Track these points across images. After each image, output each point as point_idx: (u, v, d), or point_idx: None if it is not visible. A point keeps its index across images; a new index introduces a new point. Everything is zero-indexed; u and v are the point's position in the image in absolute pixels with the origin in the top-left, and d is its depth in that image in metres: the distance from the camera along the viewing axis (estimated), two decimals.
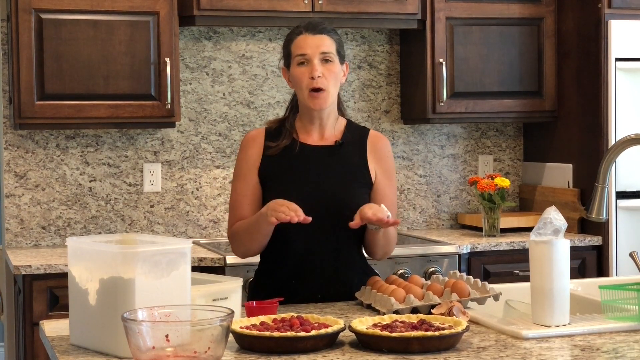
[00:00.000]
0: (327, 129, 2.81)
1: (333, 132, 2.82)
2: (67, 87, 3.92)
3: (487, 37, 4.45)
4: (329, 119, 2.81)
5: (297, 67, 2.75)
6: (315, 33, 2.74)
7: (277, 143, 2.79)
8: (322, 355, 2.03)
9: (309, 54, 2.72)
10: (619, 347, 2.09)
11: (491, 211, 4.33)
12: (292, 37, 2.78)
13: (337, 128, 2.83)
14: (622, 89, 4.27)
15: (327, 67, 2.73)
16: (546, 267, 2.25)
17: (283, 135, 2.80)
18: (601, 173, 2.58)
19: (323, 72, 2.71)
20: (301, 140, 2.80)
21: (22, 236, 4.20)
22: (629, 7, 4.29)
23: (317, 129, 2.81)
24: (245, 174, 2.80)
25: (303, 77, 2.73)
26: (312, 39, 2.73)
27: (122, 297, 2.03)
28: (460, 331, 2.07)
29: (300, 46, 2.74)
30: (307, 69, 2.73)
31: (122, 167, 4.32)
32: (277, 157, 2.78)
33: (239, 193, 2.80)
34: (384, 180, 2.81)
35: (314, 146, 2.80)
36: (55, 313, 3.65)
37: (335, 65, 2.74)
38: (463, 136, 4.80)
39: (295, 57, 2.75)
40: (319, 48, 2.72)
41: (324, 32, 2.75)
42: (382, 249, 2.80)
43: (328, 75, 2.72)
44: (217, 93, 4.45)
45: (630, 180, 4.30)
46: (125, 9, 3.99)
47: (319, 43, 2.73)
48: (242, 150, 2.84)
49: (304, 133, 2.82)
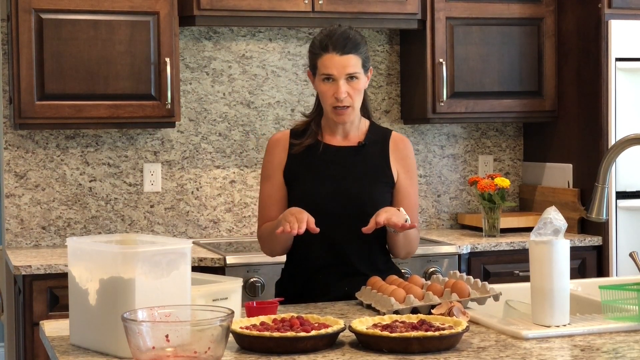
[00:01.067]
0: (351, 130, 2.86)
1: (357, 133, 2.87)
2: (67, 87, 3.92)
3: (487, 37, 4.45)
4: (352, 122, 2.85)
5: (323, 82, 2.76)
6: (342, 54, 2.72)
7: (300, 141, 2.84)
8: (322, 356, 2.03)
9: (335, 75, 2.73)
10: (619, 347, 2.09)
11: (491, 211, 4.34)
12: (319, 52, 2.76)
13: (360, 129, 2.88)
14: (622, 89, 4.27)
15: (352, 84, 2.75)
16: (546, 267, 2.25)
17: (308, 134, 2.85)
18: (601, 173, 2.58)
19: (348, 90, 2.74)
20: (325, 140, 2.85)
21: (22, 236, 4.20)
22: (629, 7, 4.29)
23: (341, 130, 2.86)
24: (271, 175, 2.86)
25: (328, 94, 2.76)
26: (339, 59, 2.73)
27: (122, 297, 2.03)
28: (460, 331, 2.07)
29: (327, 66, 2.74)
30: (332, 86, 2.75)
31: (122, 167, 4.32)
32: (301, 157, 2.83)
33: (265, 194, 2.87)
34: (406, 180, 2.86)
35: (337, 147, 2.85)
36: (55, 313, 3.65)
37: (360, 82, 2.76)
38: (463, 136, 4.80)
39: (321, 74, 2.76)
40: (346, 69, 2.72)
41: (351, 51, 2.73)
42: (403, 249, 2.84)
43: (353, 93, 2.75)
44: (217, 93, 4.45)
45: (630, 180, 4.30)
46: (125, 9, 3.99)
47: (345, 64, 2.72)
48: (268, 153, 2.89)
49: (328, 134, 2.86)
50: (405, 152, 2.89)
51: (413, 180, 2.88)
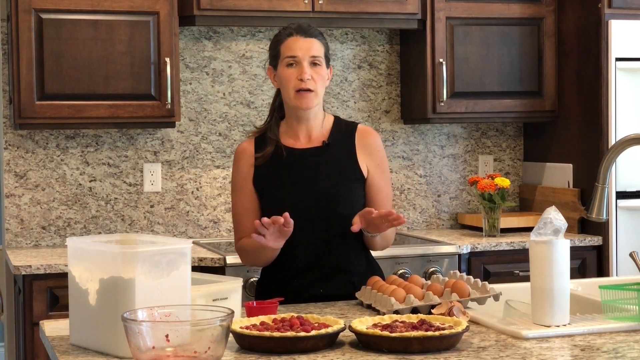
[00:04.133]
0: (314, 130, 2.85)
1: (320, 132, 2.85)
2: (67, 87, 3.92)
3: (487, 37, 4.45)
4: (315, 119, 2.84)
5: (286, 68, 2.78)
6: (306, 36, 2.79)
7: (262, 153, 2.83)
8: (322, 355, 2.03)
9: (299, 56, 2.77)
10: (619, 347, 2.09)
11: (491, 211, 4.33)
12: (282, 38, 2.81)
13: (325, 127, 2.87)
14: (622, 89, 4.27)
15: (315, 70, 2.78)
16: (546, 267, 2.25)
17: (267, 144, 2.84)
18: (601, 173, 2.58)
19: (312, 74, 2.77)
20: (288, 144, 2.83)
21: (22, 236, 4.20)
22: (629, 7, 4.29)
23: (304, 130, 2.84)
24: (241, 186, 2.85)
25: (291, 77, 2.77)
26: (303, 41, 2.78)
27: (122, 297, 2.03)
28: (460, 331, 2.07)
29: (291, 48, 2.78)
30: (295, 70, 2.77)
31: (122, 167, 4.32)
32: (267, 166, 2.82)
33: (238, 205, 2.86)
34: (378, 173, 2.85)
35: (301, 149, 2.83)
36: (55, 313, 3.65)
37: (322, 69, 2.80)
38: (463, 136, 4.80)
39: (284, 59, 2.79)
40: (309, 51, 2.77)
41: (315, 36, 2.80)
42: (380, 246, 2.86)
43: (316, 77, 2.77)
44: (217, 93, 4.45)
45: (630, 180, 4.30)
46: (125, 8, 3.99)
47: (309, 46, 2.78)
48: (235, 164, 2.89)
49: (290, 137, 2.85)
50: (372, 146, 2.86)
51: (385, 172, 2.86)
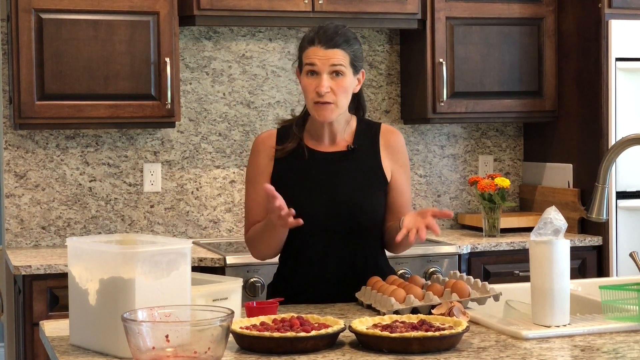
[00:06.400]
0: (338, 133, 2.75)
1: (344, 137, 2.76)
2: (67, 87, 3.92)
3: (487, 37, 4.45)
4: (339, 123, 2.73)
5: (306, 76, 2.66)
6: (327, 47, 2.63)
7: (282, 146, 2.74)
8: (322, 356, 2.03)
9: (318, 66, 2.62)
10: (619, 347, 2.09)
11: (491, 211, 4.33)
12: (304, 44, 2.68)
13: (348, 131, 2.77)
14: (622, 89, 4.27)
15: (337, 81, 2.63)
16: (546, 267, 2.25)
17: (290, 138, 2.75)
18: (601, 173, 2.57)
19: (331, 86, 2.62)
20: (311, 146, 2.74)
21: (22, 236, 4.20)
22: (629, 7, 4.29)
23: (328, 134, 2.74)
24: (257, 180, 2.75)
25: (310, 88, 2.64)
26: (323, 52, 2.62)
27: (122, 297, 2.02)
28: (461, 331, 2.07)
29: (310, 57, 2.63)
30: (314, 80, 2.64)
31: (122, 167, 4.32)
32: (287, 162, 2.73)
33: (251, 198, 2.77)
34: (401, 175, 2.78)
35: (325, 153, 2.74)
36: (55, 313, 3.65)
37: (345, 79, 2.64)
38: (463, 136, 4.80)
39: (305, 66, 2.67)
40: (330, 62, 2.61)
41: (338, 45, 2.63)
42: (404, 248, 2.80)
43: (336, 89, 2.63)
44: (217, 93, 4.45)
45: (630, 180, 4.30)
46: (125, 8, 3.99)
47: (330, 56, 2.62)
48: (252, 154, 2.79)
49: (314, 138, 2.75)
50: (396, 147, 2.79)
51: (407, 174, 2.80)
